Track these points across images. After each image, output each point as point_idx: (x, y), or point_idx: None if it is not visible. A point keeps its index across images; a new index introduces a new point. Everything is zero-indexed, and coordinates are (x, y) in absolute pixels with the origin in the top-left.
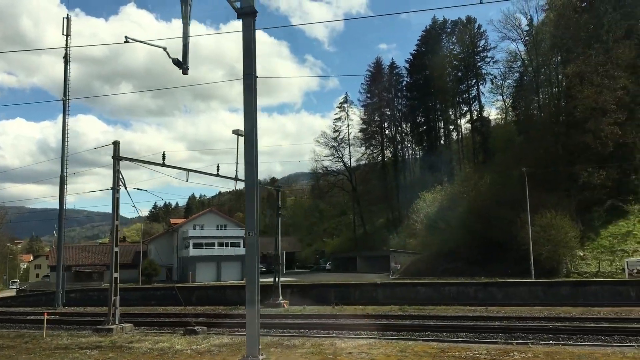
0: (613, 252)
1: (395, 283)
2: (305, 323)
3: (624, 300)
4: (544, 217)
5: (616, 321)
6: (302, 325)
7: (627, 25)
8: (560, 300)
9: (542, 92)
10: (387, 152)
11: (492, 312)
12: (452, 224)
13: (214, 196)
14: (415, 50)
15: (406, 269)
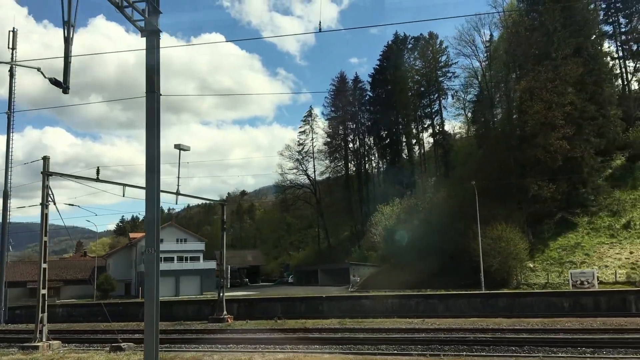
0: (562, 264)
1: (341, 296)
2: (238, 338)
3: (558, 311)
4: (495, 229)
5: (537, 332)
6: (233, 340)
7: (576, 42)
8: (497, 312)
9: (498, 107)
10: (351, 165)
11: (427, 324)
12: (408, 236)
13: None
14: (378, 65)
15: (365, 282)
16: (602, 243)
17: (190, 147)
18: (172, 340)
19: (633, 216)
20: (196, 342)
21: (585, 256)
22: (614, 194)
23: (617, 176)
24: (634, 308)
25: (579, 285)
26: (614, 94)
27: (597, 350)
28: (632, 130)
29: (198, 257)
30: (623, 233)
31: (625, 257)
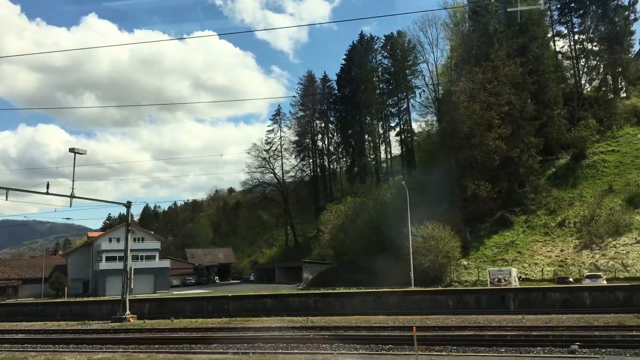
0: (494, 262)
1: (245, 295)
2: (118, 338)
3: (442, 309)
4: (426, 228)
5: (404, 329)
6: (112, 340)
7: (516, 43)
8: (388, 310)
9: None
10: (319, 163)
11: (310, 322)
12: (350, 235)
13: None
14: (343, 64)
15: (313, 280)
16: (536, 241)
17: (87, 151)
18: (54, 341)
19: (568, 214)
20: (74, 342)
21: (518, 254)
22: (553, 193)
23: (560, 175)
24: (512, 305)
25: (496, 283)
26: (558, 94)
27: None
28: (574, 129)
29: (154, 255)
30: (557, 231)
31: (555, 255)
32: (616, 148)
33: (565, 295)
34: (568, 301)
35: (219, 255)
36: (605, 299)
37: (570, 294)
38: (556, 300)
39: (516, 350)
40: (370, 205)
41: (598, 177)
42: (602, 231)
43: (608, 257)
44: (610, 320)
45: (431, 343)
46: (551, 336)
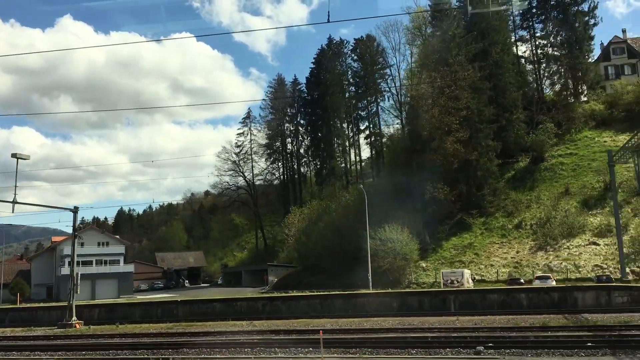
0: (452, 263)
1: (195, 300)
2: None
3: (386, 311)
4: (384, 230)
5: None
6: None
7: (475, 48)
8: (334, 312)
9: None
10: (289, 167)
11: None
12: (312, 238)
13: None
14: (312, 67)
15: (278, 283)
16: (493, 243)
17: (30, 157)
18: None
19: (525, 216)
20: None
21: (475, 255)
22: (511, 195)
23: (519, 177)
24: (453, 307)
25: (449, 285)
26: (518, 98)
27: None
28: (532, 133)
29: (118, 260)
30: (514, 233)
31: (511, 257)
32: (574, 151)
33: (503, 297)
34: (505, 302)
35: (190, 259)
36: (540, 300)
37: (507, 295)
38: (494, 302)
39: (426, 351)
40: (333, 208)
41: (555, 179)
42: (557, 233)
43: (561, 258)
44: (536, 321)
45: (347, 345)
46: (469, 337)
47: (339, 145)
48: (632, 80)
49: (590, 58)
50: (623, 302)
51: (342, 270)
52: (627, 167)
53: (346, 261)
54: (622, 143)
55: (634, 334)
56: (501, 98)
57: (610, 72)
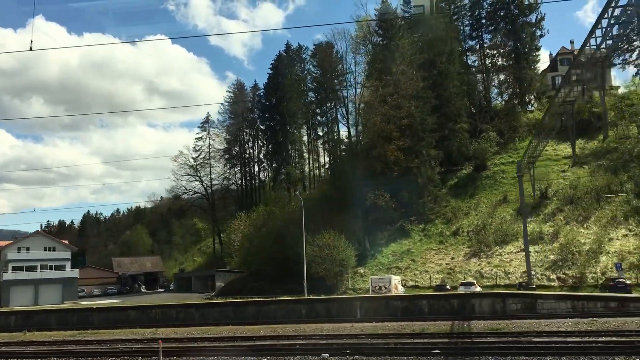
0: (389, 269)
1: (110, 307)
2: None
3: (296, 318)
4: (322, 237)
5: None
6: None
7: (419, 59)
8: (246, 319)
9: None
10: (248, 172)
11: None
12: (255, 243)
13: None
14: (269, 73)
15: (223, 289)
16: (431, 249)
17: None
18: None
19: (463, 223)
20: None
21: (412, 262)
22: (450, 203)
23: (461, 185)
24: (359, 314)
25: (377, 291)
26: (462, 107)
27: None
28: (475, 142)
29: (64, 265)
30: (451, 240)
31: (446, 263)
32: (516, 159)
33: (405, 304)
34: (408, 309)
35: (147, 263)
36: (441, 306)
37: (410, 302)
38: (398, 308)
39: (277, 357)
40: (278, 214)
41: (495, 187)
42: (491, 240)
43: (492, 265)
44: (416, 327)
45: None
46: (335, 344)
47: (297, 151)
48: None
49: (536, 69)
50: (517, 309)
51: (284, 276)
52: (563, 175)
53: (288, 267)
54: (563, 152)
55: (487, 340)
56: (446, 107)
57: (557, 82)
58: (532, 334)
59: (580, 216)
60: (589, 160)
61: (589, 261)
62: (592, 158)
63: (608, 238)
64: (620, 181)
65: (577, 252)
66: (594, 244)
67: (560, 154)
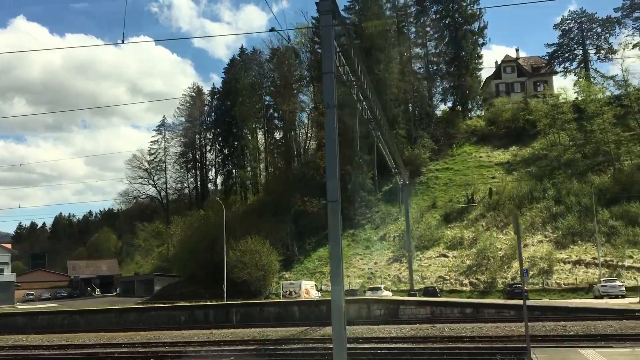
0: (314, 274)
1: (17, 313)
2: None
3: (175, 324)
4: (246, 242)
5: None
6: None
7: None
8: (128, 326)
9: None
10: (202, 176)
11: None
12: (185, 248)
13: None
14: (223, 77)
15: (158, 293)
16: (357, 254)
17: None
18: None
19: (390, 229)
20: None
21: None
22: (381, 208)
23: (394, 191)
24: (235, 319)
25: (287, 296)
26: (398, 114)
27: None
28: (410, 148)
29: (2, 269)
30: (377, 245)
31: (368, 267)
32: (451, 166)
33: (278, 310)
34: (280, 315)
35: (102, 267)
36: (311, 312)
37: (282, 308)
38: (271, 314)
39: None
40: (212, 218)
41: (427, 193)
42: (414, 245)
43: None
44: (259, 334)
45: None
46: (147, 352)
47: (251, 155)
48: (521, 98)
49: (478, 76)
50: (381, 314)
51: (216, 281)
52: (492, 183)
53: (217, 272)
54: (496, 158)
55: (289, 347)
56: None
57: (501, 89)
58: None
59: (501, 222)
60: (519, 167)
61: (501, 267)
62: (522, 165)
63: (523, 244)
64: (543, 188)
65: (492, 258)
66: (509, 249)
67: (493, 160)
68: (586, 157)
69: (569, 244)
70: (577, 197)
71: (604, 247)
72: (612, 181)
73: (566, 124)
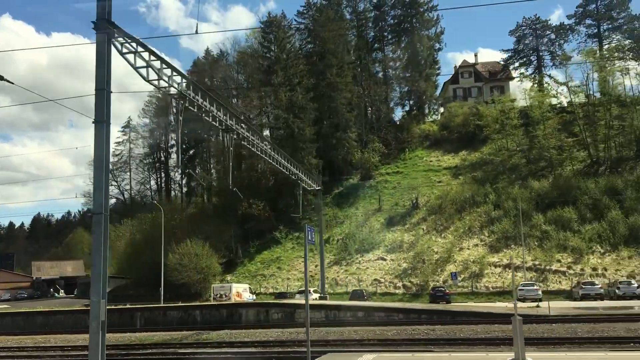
0: (255, 277)
1: None
2: None
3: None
4: (186, 245)
5: None
6: None
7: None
8: (35, 329)
9: None
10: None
11: None
12: (129, 250)
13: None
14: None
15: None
16: (300, 257)
17: None
18: None
19: (335, 232)
20: None
21: (277, 269)
22: (329, 211)
23: (345, 194)
24: (139, 323)
25: (218, 298)
26: (350, 118)
27: None
28: (360, 152)
29: None
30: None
31: (309, 270)
32: (401, 170)
33: (181, 314)
34: (183, 319)
35: (67, 268)
36: (212, 316)
37: (185, 312)
38: (174, 318)
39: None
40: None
41: (375, 196)
42: (354, 248)
43: (349, 272)
44: None
45: None
46: None
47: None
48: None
49: (435, 81)
50: (278, 318)
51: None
52: (438, 187)
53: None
54: (446, 163)
55: (147, 352)
56: (335, 117)
57: (458, 94)
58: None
59: (441, 226)
60: (466, 172)
61: (435, 270)
62: (469, 169)
63: (459, 247)
64: (485, 192)
65: (427, 261)
66: (444, 253)
67: (442, 165)
68: (530, 162)
69: (503, 247)
70: (515, 202)
71: (535, 251)
72: (550, 186)
73: (513, 129)
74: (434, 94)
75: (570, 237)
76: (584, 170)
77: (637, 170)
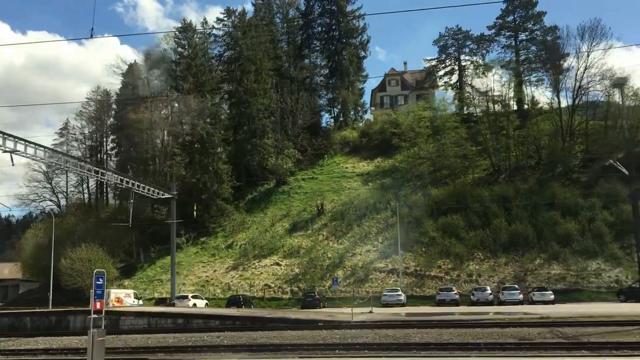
0: (152, 281)
1: None
2: None
3: None
4: (79, 250)
5: None
6: None
7: (212, 77)
8: None
9: None
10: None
11: None
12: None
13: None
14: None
15: (18, 297)
16: (201, 262)
17: None
18: None
19: (239, 237)
20: None
21: (177, 274)
22: (235, 217)
23: (257, 199)
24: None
25: None
26: (267, 124)
27: None
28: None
29: None
30: (223, 252)
31: (206, 275)
32: (317, 175)
33: (12, 320)
34: (14, 325)
35: (4, 270)
36: (42, 322)
37: (15, 318)
38: (5, 325)
39: None
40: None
41: (286, 202)
42: (254, 253)
43: (243, 277)
44: None
45: None
46: None
47: None
48: (404, 109)
49: (362, 89)
50: (105, 325)
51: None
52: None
53: None
54: (360, 169)
55: None
56: (252, 124)
57: (385, 101)
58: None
59: (340, 232)
60: (375, 178)
61: (324, 275)
62: (380, 176)
63: (352, 253)
64: (387, 199)
65: (319, 266)
66: (337, 258)
67: (356, 171)
68: (436, 170)
69: (392, 253)
70: (411, 208)
71: (422, 256)
72: (448, 194)
73: (422, 138)
74: (358, 102)
75: (455, 243)
76: (485, 179)
77: (531, 180)
